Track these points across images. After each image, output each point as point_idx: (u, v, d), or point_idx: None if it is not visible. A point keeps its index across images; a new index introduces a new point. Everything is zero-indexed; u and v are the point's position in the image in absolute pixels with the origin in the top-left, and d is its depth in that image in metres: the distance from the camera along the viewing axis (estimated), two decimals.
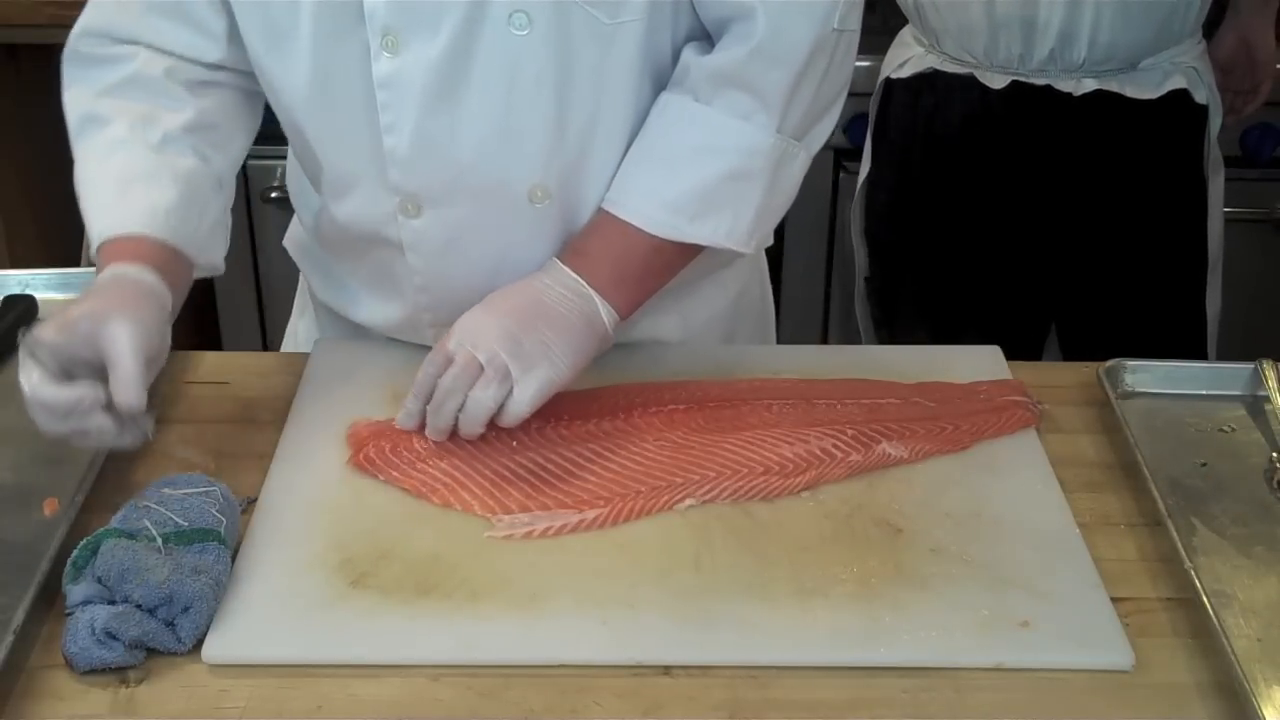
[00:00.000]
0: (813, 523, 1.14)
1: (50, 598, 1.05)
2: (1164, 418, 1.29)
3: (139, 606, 1.00)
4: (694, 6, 1.22)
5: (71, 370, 1.10)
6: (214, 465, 1.20)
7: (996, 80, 1.87)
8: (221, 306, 2.67)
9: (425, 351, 1.20)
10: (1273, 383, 1.31)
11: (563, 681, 0.99)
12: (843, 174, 2.46)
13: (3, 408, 1.27)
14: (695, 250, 1.26)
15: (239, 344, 2.66)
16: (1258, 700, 0.95)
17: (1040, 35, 1.82)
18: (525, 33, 1.17)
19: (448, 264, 1.28)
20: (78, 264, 1.66)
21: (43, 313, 1.45)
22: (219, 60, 1.28)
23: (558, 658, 1.01)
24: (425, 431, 1.20)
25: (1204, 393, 1.33)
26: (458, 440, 1.20)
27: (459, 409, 1.17)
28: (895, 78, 1.97)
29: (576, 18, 1.17)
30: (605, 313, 1.22)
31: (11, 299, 1.45)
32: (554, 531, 1.12)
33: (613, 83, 1.22)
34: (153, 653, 1.01)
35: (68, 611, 1.02)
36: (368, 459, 1.20)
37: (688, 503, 1.16)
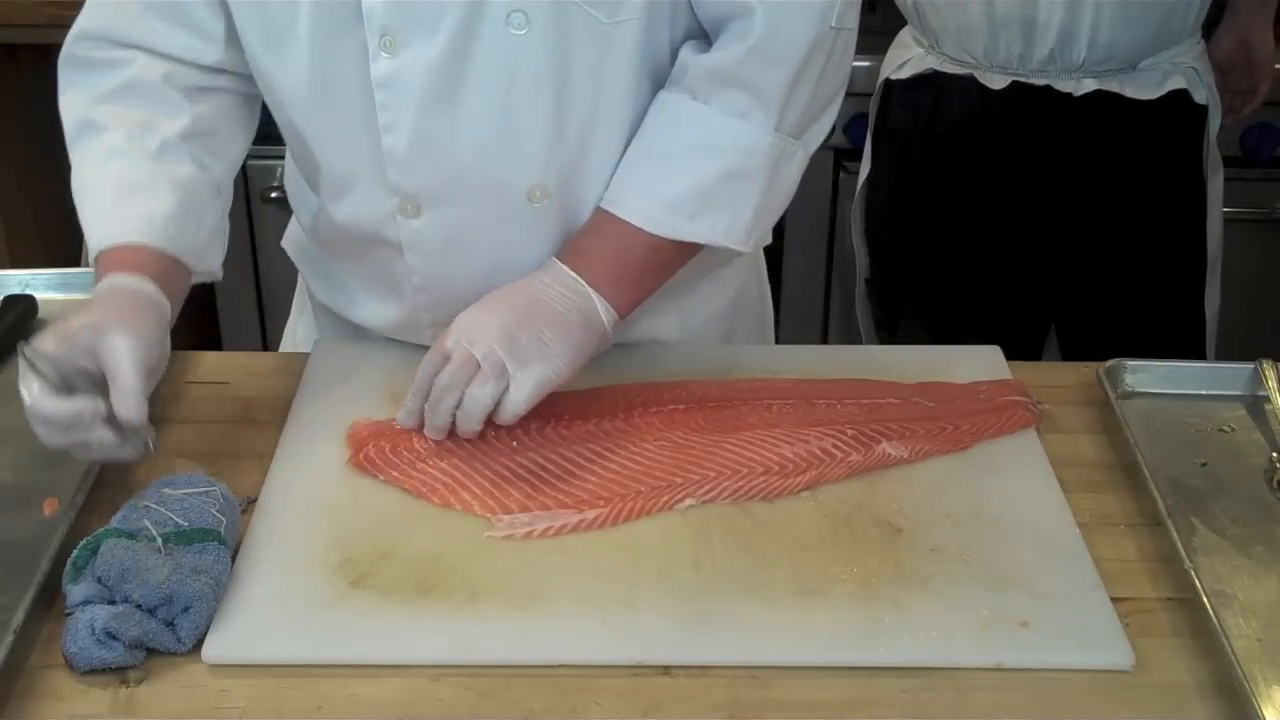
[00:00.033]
0: (813, 523, 1.14)
1: (50, 598, 1.05)
2: (1164, 418, 1.29)
3: (139, 606, 1.00)
4: (692, 5, 1.22)
5: (71, 381, 1.10)
6: (214, 465, 1.20)
7: (996, 81, 1.87)
8: (221, 306, 2.67)
9: (425, 351, 1.20)
10: (1273, 383, 1.31)
11: (563, 681, 0.99)
12: (843, 174, 2.46)
13: (3, 408, 1.27)
14: (694, 249, 1.26)
15: (239, 344, 2.66)
16: (1258, 700, 0.95)
17: (1040, 35, 1.82)
18: (524, 32, 1.17)
19: (447, 264, 1.28)
20: (78, 264, 1.66)
21: (43, 313, 1.45)
22: (217, 62, 1.28)
23: (558, 658, 1.01)
24: (424, 430, 1.20)
25: (1204, 393, 1.33)
26: (458, 440, 1.20)
27: (456, 406, 1.17)
28: (895, 78, 1.97)
29: (575, 17, 1.17)
30: (604, 311, 1.22)
31: (11, 299, 1.45)
32: (554, 531, 1.12)
33: (611, 82, 1.22)
34: (153, 653, 1.01)
35: (68, 611, 1.02)
36: (368, 459, 1.20)
37: (688, 503, 1.16)
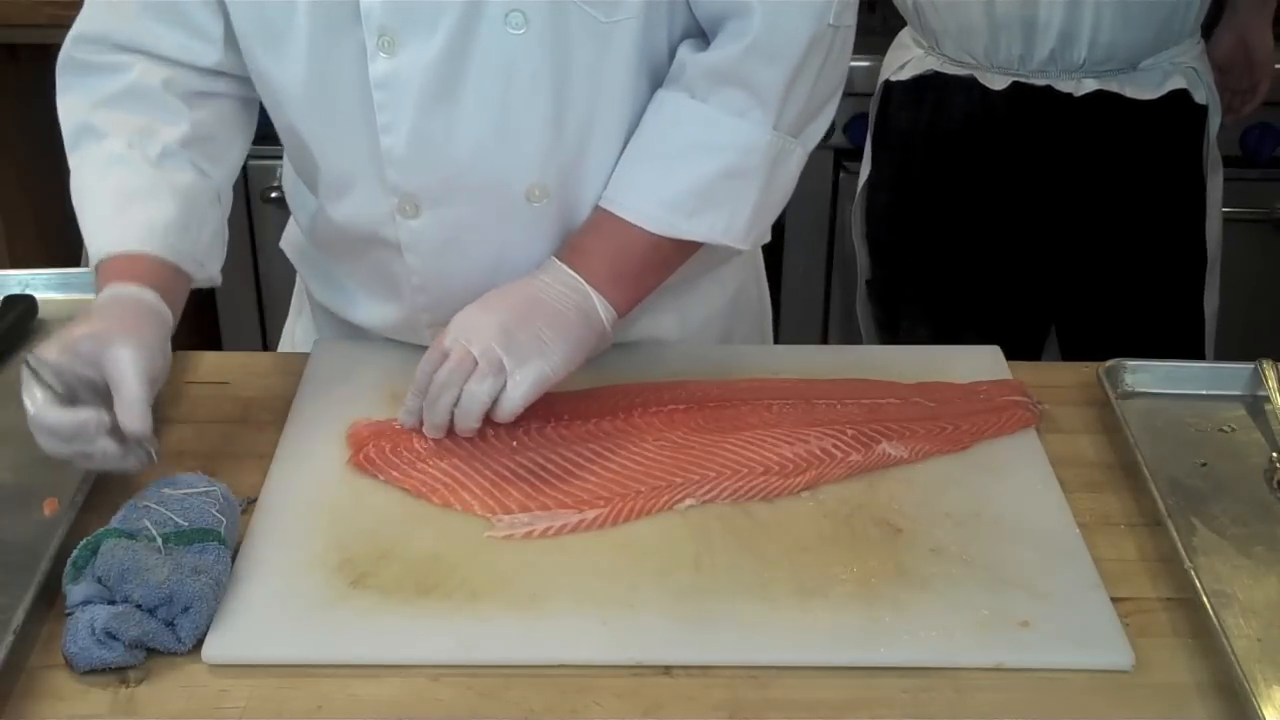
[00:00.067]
0: (813, 523, 1.14)
1: (50, 598, 1.05)
2: (1164, 418, 1.29)
3: (139, 606, 1.00)
4: (689, 4, 1.22)
5: (75, 390, 1.10)
6: (214, 465, 1.20)
7: (997, 81, 1.87)
8: (221, 306, 2.67)
9: (425, 351, 1.20)
10: (1273, 383, 1.31)
11: (563, 681, 0.99)
12: (843, 174, 2.46)
13: (3, 408, 1.27)
14: (693, 247, 1.26)
15: (239, 344, 2.66)
16: (1258, 700, 0.95)
17: (1041, 36, 1.82)
18: (522, 32, 1.17)
19: (446, 264, 1.28)
20: (78, 264, 1.66)
21: (43, 313, 1.45)
22: (216, 64, 1.27)
23: (558, 658, 1.01)
24: (423, 429, 1.20)
25: (1204, 393, 1.33)
26: (458, 440, 1.20)
27: (454, 404, 1.17)
28: (895, 80, 1.97)
29: (573, 16, 1.17)
30: (602, 309, 1.22)
31: (11, 299, 1.45)
32: (554, 531, 1.12)
33: (609, 81, 1.22)
34: (153, 653, 1.01)
35: (68, 611, 1.02)
36: (368, 459, 1.20)
37: (688, 503, 1.16)
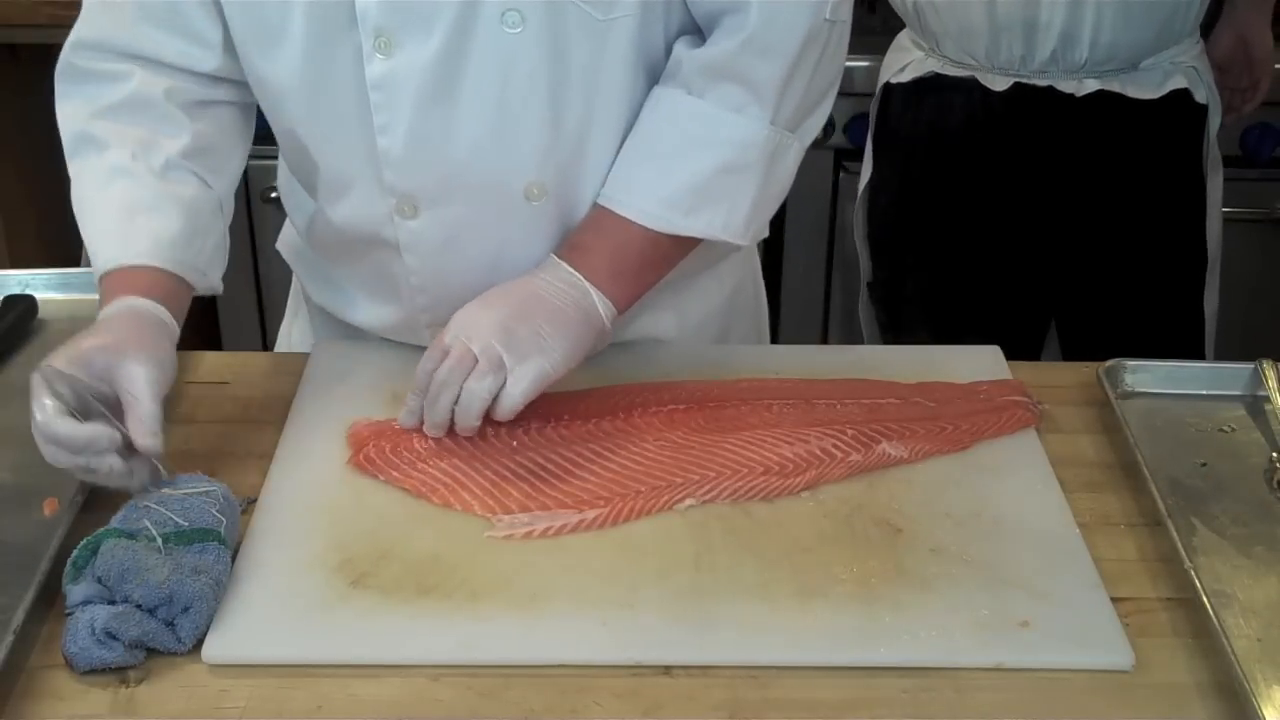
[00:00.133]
0: (813, 523, 1.14)
1: (50, 598, 1.05)
2: (1164, 418, 1.29)
3: (139, 606, 1.00)
4: (686, 0, 1.21)
5: (84, 402, 1.10)
6: (214, 465, 1.20)
7: (998, 82, 1.87)
8: (221, 306, 2.67)
9: (424, 351, 1.20)
10: (1273, 383, 1.31)
11: (563, 681, 0.99)
12: (843, 174, 2.46)
13: (3, 408, 1.27)
14: (692, 243, 1.26)
15: (239, 344, 2.66)
16: (1258, 700, 0.95)
17: (1042, 36, 1.82)
18: (518, 31, 1.17)
19: (445, 264, 1.28)
20: (78, 264, 1.66)
21: (43, 313, 1.45)
22: (215, 70, 1.27)
23: (558, 658, 1.01)
24: (424, 428, 1.20)
25: (1204, 393, 1.33)
26: (458, 440, 1.20)
27: (455, 401, 1.17)
28: (895, 82, 1.97)
29: (569, 14, 1.17)
30: (602, 305, 1.22)
31: (11, 299, 1.45)
32: (554, 531, 1.12)
33: (606, 79, 1.22)
34: (153, 653, 1.01)
35: (68, 612, 1.02)
36: (368, 459, 1.20)
37: (688, 503, 1.16)
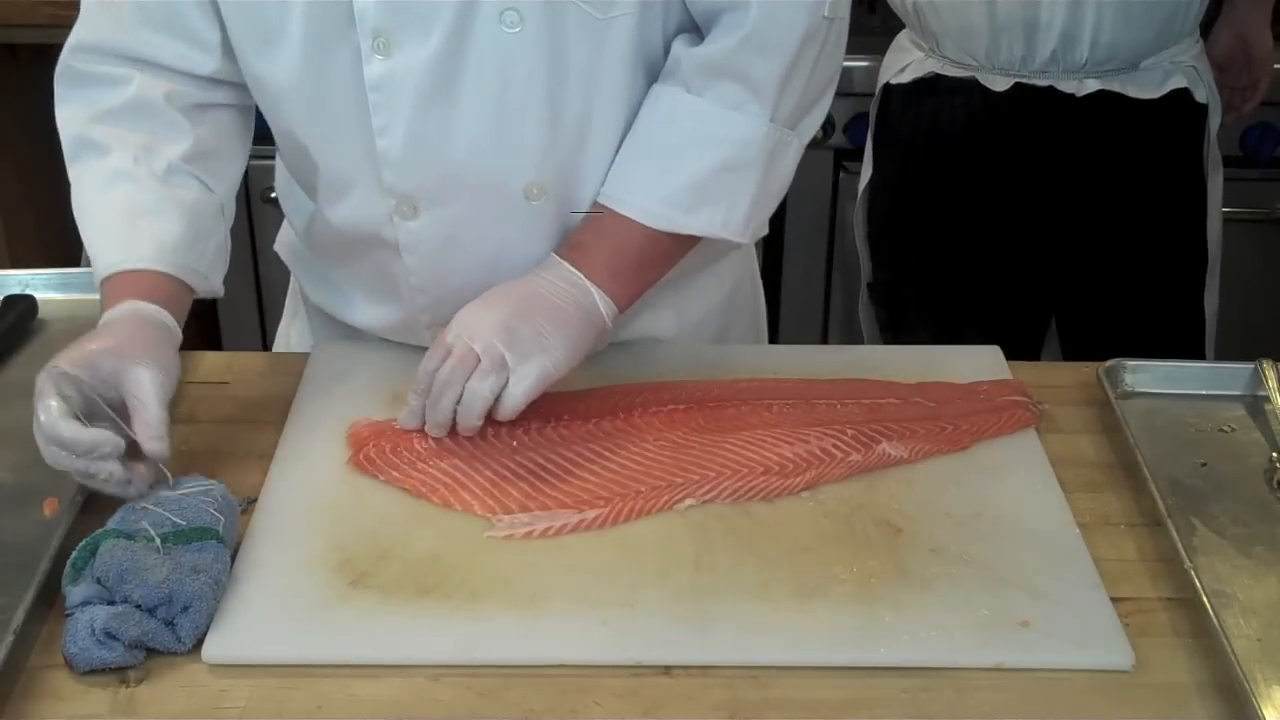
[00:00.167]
0: (813, 523, 1.14)
1: (50, 598, 1.05)
2: (1164, 418, 1.29)
3: (138, 606, 1.00)
4: None
5: (88, 405, 1.09)
6: (214, 465, 1.20)
7: (999, 83, 1.87)
8: (222, 307, 2.67)
9: (425, 352, 1.20)
10: (1273, 383, 1.31)
11: (563, 681, 0.99)
12: (843, 174, 2.46)
13: (3, 408, 1.27)
14: (692, 241, 1.26)
15: (239, 344, 2.66)
16: (1258, 700, 0.95)
17: (1042, 36, 1.82)
18: (517, 30, 1.17)
19: (444, 264, 1.28)
20: (78, 264, 1.66)
21: (43, 313, 1.45)
22: (213, 73, 1.27)
23: (558, 658, 1.01)
24: (425, 427, 1.20)
25: (1204, 393, 1.33)
26: (458, 440, 1.20)
27: (457, 401, 1.17)
28: (895, 83, 1.96)
29: (568, 14, 1.17)
30: (603, 304, 1.22)
31: (11, 299, 1.45)
32: (554, 531, 1.12)
33: (605, 78, 1.22)
34: (153, 653, 1.01)
35: (67, 613, 1.02)
36: (368, 459, 1.20)
37: (688, 503, 1.16)
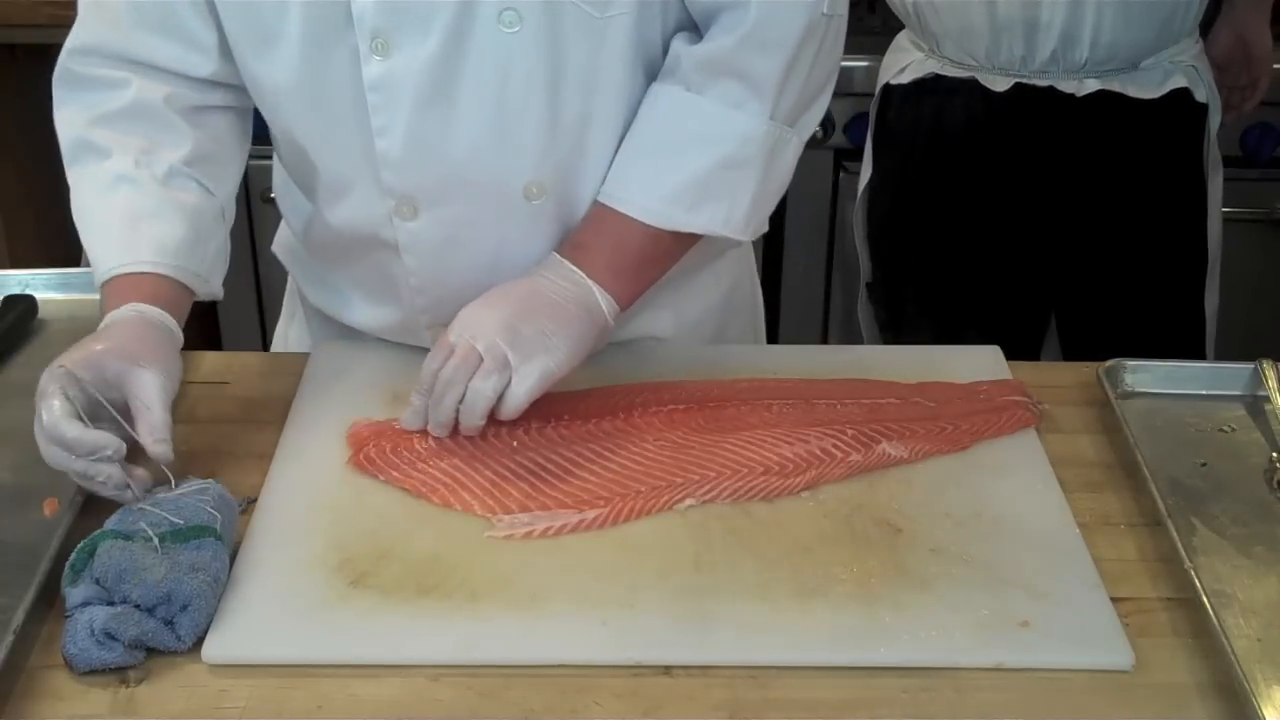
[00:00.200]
0: (813, 523, 1.14)
1: (50, 598, 1.05)
2: (1164, 418, 1.29)
3: (137, 606, 1.00)
4: None
5: (91, 406, 1.10)
6: (214, 465, 1.20)
7: (999, 83, 1.87)
8: (222, 307, 2.67)
9: (425, 351, 1.20)
10: (1273, 383, 1.31)
11: (563, 681, 0.99)
12: (843, 174, 2.46)
13: (3, 408, 1.27)
14: (693, 239, 1.26)
15: (239, 344, 2.66)
16: (1258, 700, 0.95)
17: (1043, 36, 1.82)
18: (516, 30, 1.17)
19: (444, 264, 1.28)
20: (78, 264, 1.66)
21: (43, 313, 1.45)
22: (211, 75, 1.27)
23: (558, 658, 1.01)
24: (428, 427, 1.20)
25: (1204, 393, 1.33)
26: (458, 440, 1.20)
27: (459, 401, 1.17)
28: (895, 84, 1.96)
29: (567, 13, 1.17)
30: (604, 302, 1.22)
31: (11, 299, 1.45)
32: (554, 531, 1.12)
33: (605, 77, 1.22)
34: (153, 652, 1.01)
35: (67, 614, 1.02)
36: (368, 459, 1.20)
37: (688, 503, 1.16)
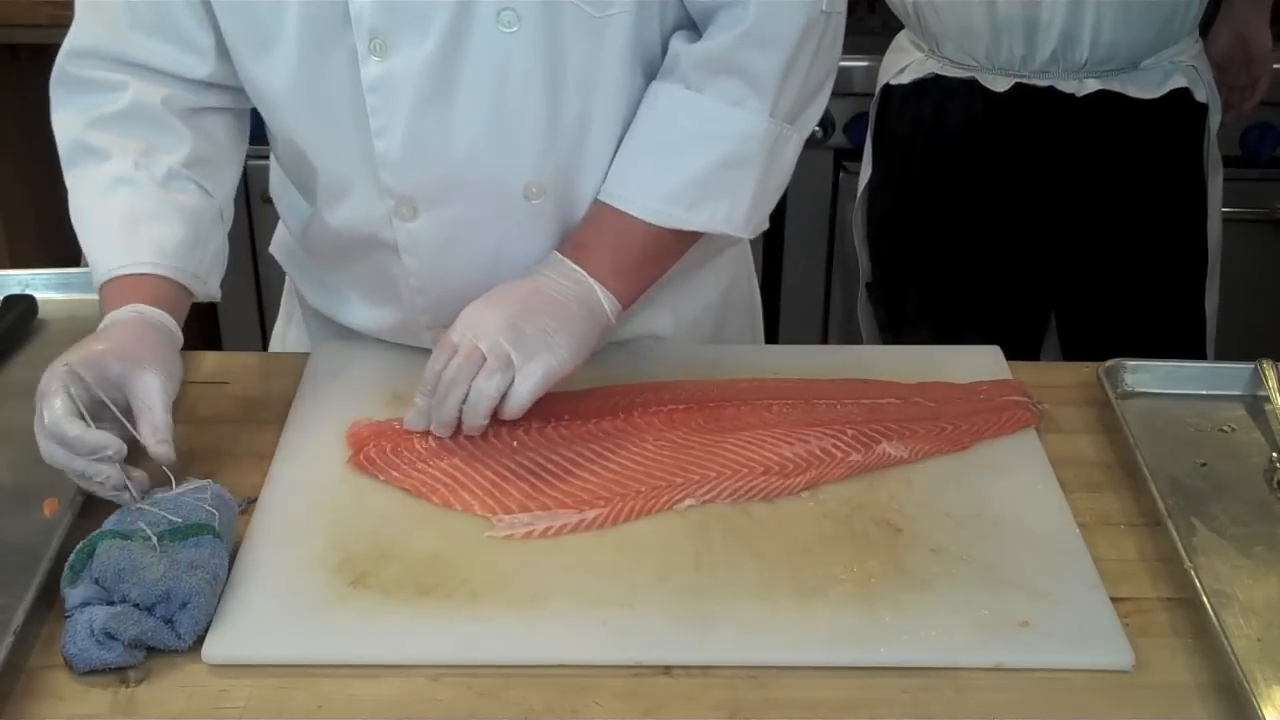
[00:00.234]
0: (813, 523, 1.14)
1: (50, 598, 1.05)
2: (1164, 418, 1.29)
3: (137, 606, 1.00)
4: None
5: (93, 406, 1.10)
6: (214, 465, 1.20)
7: (999, 83, 1.87)
8: (221, 307, 2.67)
9: (425, 351, 1.20)
10: (1273, 383, 1.31)
11: (563, 681, 0.99)
12: (843, 174, 2.46)
13: (2, 408, 1.27)
14: (694, 237, 1.26)
15: (239, 344, 2.66)
16: (1258, 700, 0.95)
17: (1043, 36, 1.82)
18: (514, 30, 1.17)
19: (444, 264, 1.28)
20: (78, 264, 1.66)
21: (43, 313, 1.45)
22: (207, 76, 1.27)
23: (558, 658, 1.01)
24: (431, 427, 1.20)
25: (1204, 393, 1.33)
26: (458, 440, 1.20)
27: (463, 401, 1.17)
28: (895, 84, 1.96)
29: (565, 12, 1.17)
30: (606, 301, 1.22)
31: (11, 299, 1.45)
32: (554, 531, 1.12)
33: (604, 76, 1.21)
34: (153, 652, 1.01)
35: (67, 614, 1.02)
36: (368, 459, 1.20)
37: (687, 503, 1.16)
